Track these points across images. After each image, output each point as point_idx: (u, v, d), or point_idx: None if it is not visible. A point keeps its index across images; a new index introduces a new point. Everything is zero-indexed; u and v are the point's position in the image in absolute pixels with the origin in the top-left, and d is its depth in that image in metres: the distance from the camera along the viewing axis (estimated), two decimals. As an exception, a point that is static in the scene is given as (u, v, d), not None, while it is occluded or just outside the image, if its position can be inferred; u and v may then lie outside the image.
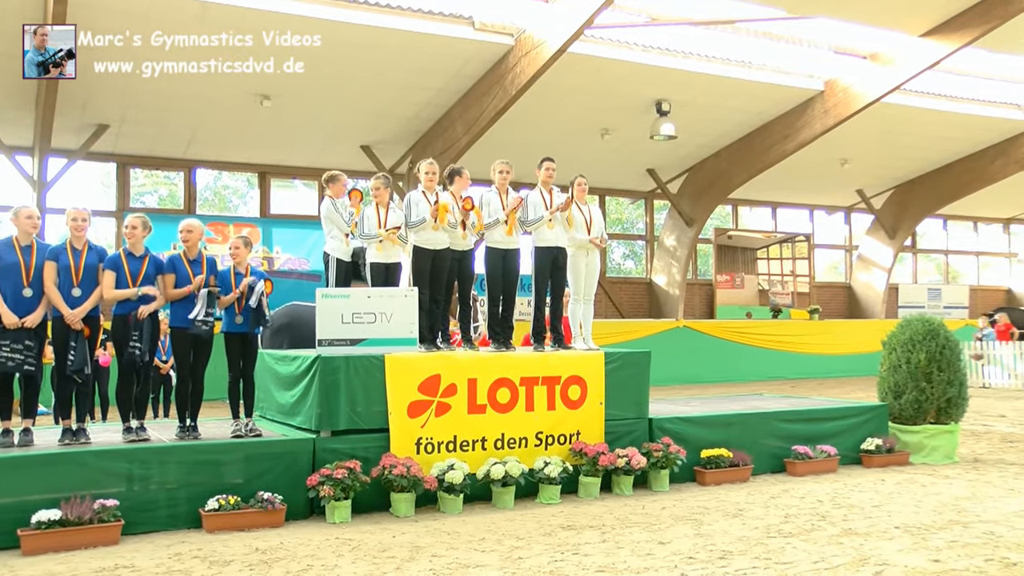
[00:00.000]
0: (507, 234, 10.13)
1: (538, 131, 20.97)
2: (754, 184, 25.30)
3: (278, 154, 21.65)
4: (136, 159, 21.04)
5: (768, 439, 10.74)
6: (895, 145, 25.64)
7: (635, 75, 19.76)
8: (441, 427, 8.97)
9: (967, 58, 21.96)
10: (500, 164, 10.35)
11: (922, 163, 27.80)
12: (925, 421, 11.30)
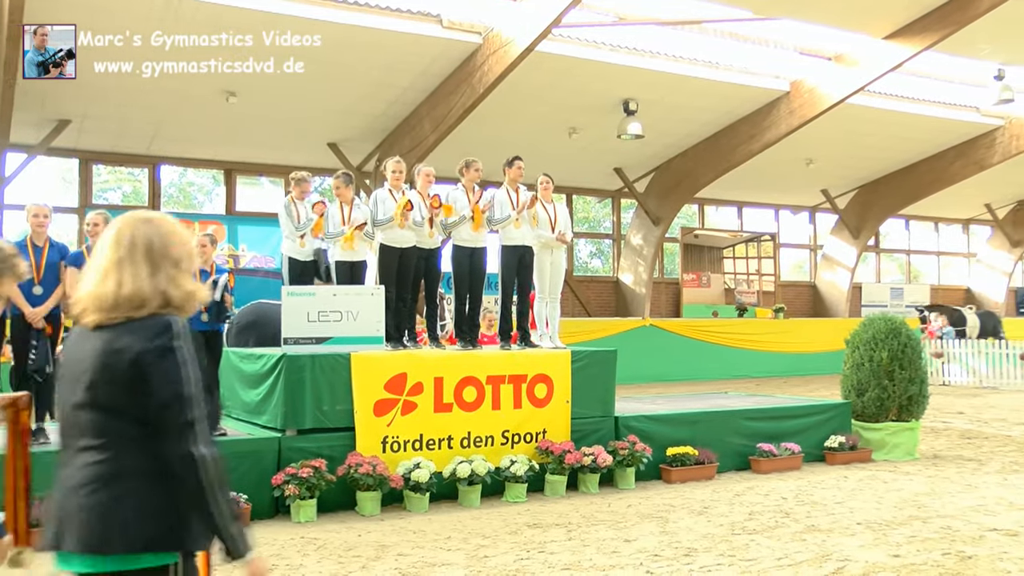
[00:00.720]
0: (473, 229, 10.14)
1: (506, 130, 20.97)
2: (720, 184, 25.42)
3: (244, 151, 21.51)
4: (99, 155, 20.82)
5: (733, 437, 10.82)
6: (859, 146, 25.86)
7: (603, 74, 19.80)
8: (407, 426, 8.96)
9: (928, 61, 22.20)
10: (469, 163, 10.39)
11: (885, 163, 28.07)
12: (887, 419, 11.43)
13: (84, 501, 2.56)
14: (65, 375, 2.72)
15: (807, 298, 31.04)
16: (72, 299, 2.72)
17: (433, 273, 10.40)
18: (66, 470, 2.65)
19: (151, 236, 2.73)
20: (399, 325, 9.88)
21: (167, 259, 2.72)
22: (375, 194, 10.12)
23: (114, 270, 2.67)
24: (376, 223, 9.91)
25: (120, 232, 2.73)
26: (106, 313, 2.64)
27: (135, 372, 2.58)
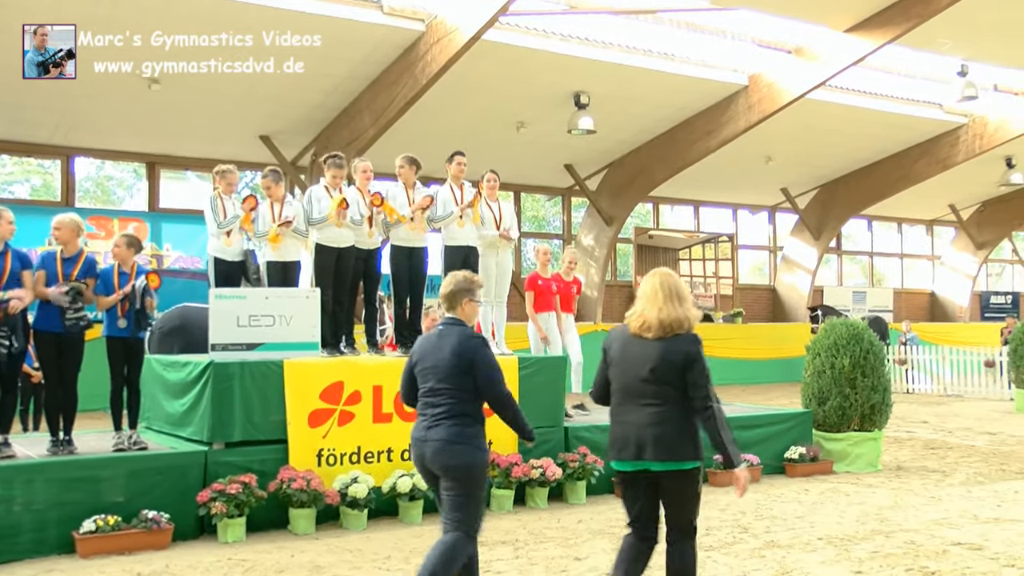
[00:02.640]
0: (410, 229, 10.11)
1: (450, 123, 20.94)
2: (676, 182, 25.60)
3: (168, 143, 21.21)
4: (2, 144, 20.36)
5: (689, 448, 10.87)
6: (820, 143, 26.18)
7: (552, 65, 19.84)
8: (344, 437, 8.89)
9: (891, 56, 22.55)
10: (401, 160, 10.39)
11: (847, 161, 28.43)
12: (849, 428, 11.55)
13: (655, 432, 5.18)
14: (628, 365, 5.34)
15: (766, 302, 31.36)
16: (635, 319, 5.41)
17: (372, 275, 10.35)
18: (636, 415, 5.25)
19: (675, 284, 5.44)
20: (336, 330, 9.81)
21: (684, 299, 5.41)
22: (310, 191, 10.06)
23: (665, 306, 5.33)
24: (311, 221, 9.84)
25: (661, 282, 5.41)
26: (664, 331, 5.29)
27: (685, 362, 5.21)
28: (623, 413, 5.32)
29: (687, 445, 5.21)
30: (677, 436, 5.20)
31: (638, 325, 5.37)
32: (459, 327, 5.73)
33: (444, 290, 5.87)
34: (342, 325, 9.94)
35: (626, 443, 5.26)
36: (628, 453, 5.25)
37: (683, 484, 5.27)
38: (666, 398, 5.22)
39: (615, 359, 5.41)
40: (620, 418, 5.34)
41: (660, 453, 5.18)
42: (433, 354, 5.66)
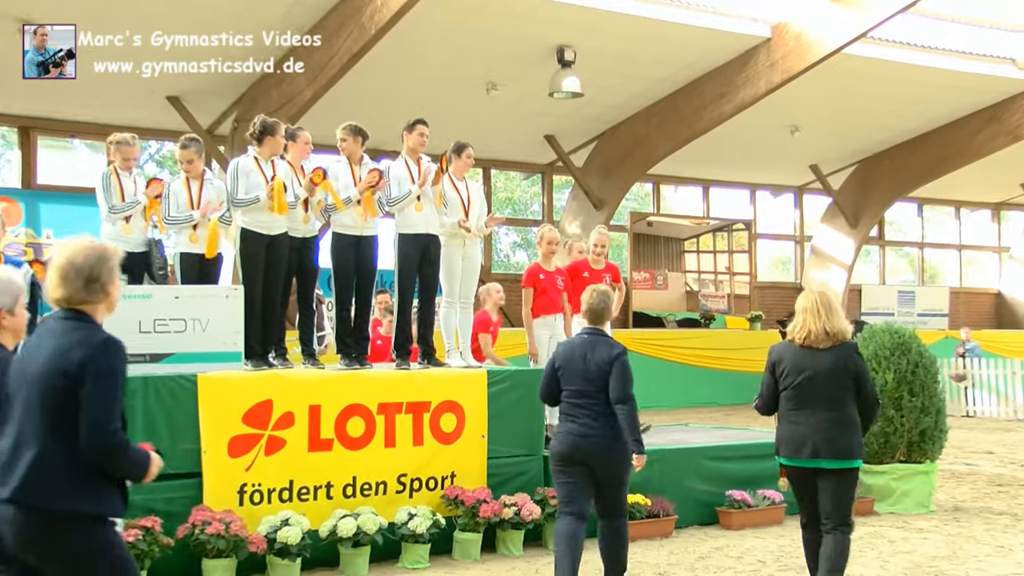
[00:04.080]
0: (359, 216, 10.10)
1: (405, 84, 20.92)
2: (681, 157, 25.65)
3: (49, 103, 20.92)
4: None
5: (696, 482, 10.93)
6: (859, 110, 26.23)
7: (530, 13, 19.85)
8: (273, 469, 8.88)
9: None
10: (344, 131, 10.36)
11: (892, 133, 28.53)
12: (894, 459, 11.61)
13: (829, 434, 7.23)
14: (801, 374, 7.39)
15: (791, 304, 31.36)
16: (800, 332, 7.50)
17: (308, 269, 10.32)
18: (811, 419, 7.30)
19: (831, 299, 7.58)
20: (264, 337, 9.78)
21: (839, 311, 7.53)
22: (235, 165, 9.99)
23: (829, 318, 7.37)
24: (235, 203, 9.79)
25: (821, 298, 7.53)
26: (831, 340, 7.38)
27: (855, 368, 7.35)
28: (798, 417, 7.42)
29: (856, 445, 7.36)
30: (850, 437, 7.33)
31: (804, 336, 7.46)
32: (604, 338, 7.92)
33: (594, 305, 8.00)
34: (272, 331, 9.92)
35: (803, 443, 7.33)
36: (804, 452, 7.32)
37: (851, 480, 7.41)
38: (838, 402, 7.36)
39: (788, 370, 7.47)
40: (794, 421, 7.43)
41: (834, 453, 7.27)
42: (580, 361, 7.79)
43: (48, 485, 4.45)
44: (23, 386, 4.63)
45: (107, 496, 4.56)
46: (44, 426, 4.51)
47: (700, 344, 27.49)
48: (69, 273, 4.70)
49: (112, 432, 4.49)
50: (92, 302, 4.78)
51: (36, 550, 4.47)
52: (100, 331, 4.75)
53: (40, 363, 4.60)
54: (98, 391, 4.49)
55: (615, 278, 11.69)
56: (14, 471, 4.46)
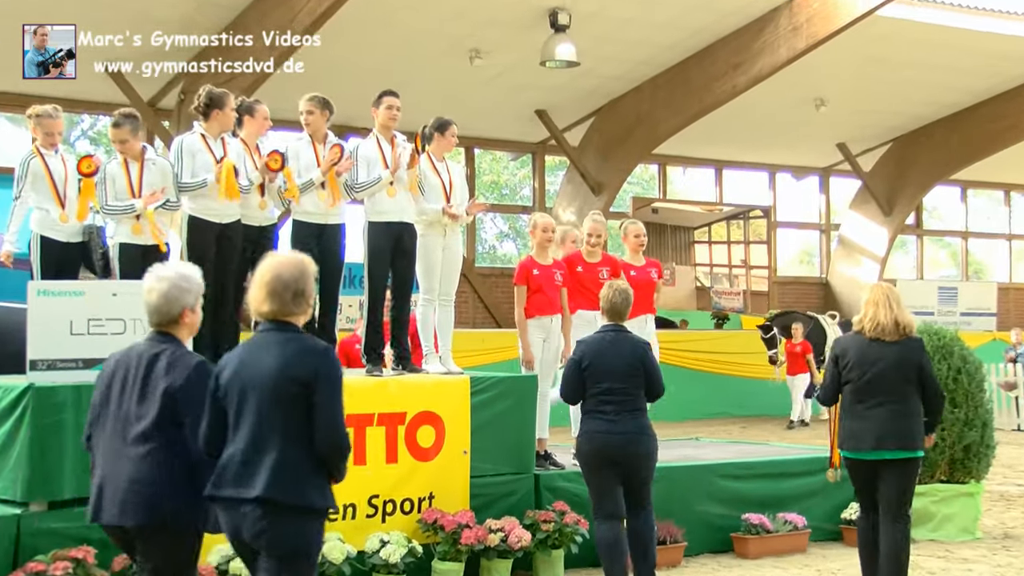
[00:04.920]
0: (323, 201, 10.08)
1: (375, 51, 20.89)
2: (691, 135, 25.67)
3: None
4: None
5: (708, 504, 10.93)
6: (893, 80, 26.23)
7: (519, -31, 19.85)
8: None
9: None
10: (308, 103, 10.33)
11: (932, 106, 28.54)
12: (934, 479, 11.62)
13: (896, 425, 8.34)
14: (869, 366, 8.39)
15: (816, 301, 31.49)
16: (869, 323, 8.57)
17: (266, 261, 10.32)
18: (877, 411, 8.34)
19: (896, 292, 8.65)
20: (215, 340, 9.74)
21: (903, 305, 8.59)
22: (180, 143, 9.94)
23: (898, 310, 8.44)
24: (182, 187, 9.75)
25: (889, 291, 8.62)
26: (899, 333, 8.42)
27: (921, 360, 8.50)
28: (864, 410, 8.39)
29: (920, 436, 8.40)
30: (915, 428, 8.37)
31: (873, 328, 8.44)
32: (627, 334, 8.94)
33: (616, 302, 8.88)
34: (223, 333, 9.87)
35: (869, 436, 8.32)
36: (870, 445, 8.31)
37: (915, 471, 8.47)
38: (903, 394, 8.37)
39: (853, 363, 8.46)
40: (860, 414, 8.40)
41: (899, 444, 8.28)
42: (610, 358, 8.70)
43: (289, 483, 5.51)
44: (249, 394, 5.59)
45: (330, 493, 5.68)
46: (281, 430, 5.53)
47: (712, 347, 27.46)
48: (278, 287, 5.67)
49: (345, 435, 5.64)
50: (297, 314, 5.76)
51: (268, 541, 5.51)
52: (317, 340, 5.85)
53: (268, 372, 5.58)
54: (331, 396, 5.57)
55: (614, 272, 11.52)
56: (258, 472, 5.50)
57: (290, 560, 5.56)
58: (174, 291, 5.94)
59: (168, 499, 5.71)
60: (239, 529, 5.60)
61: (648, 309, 11.71)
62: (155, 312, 5.96)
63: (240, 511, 5.55)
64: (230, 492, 5.57)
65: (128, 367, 5.94)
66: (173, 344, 5.96)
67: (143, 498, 5.72)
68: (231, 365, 5.76)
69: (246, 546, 5.66)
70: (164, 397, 5.76)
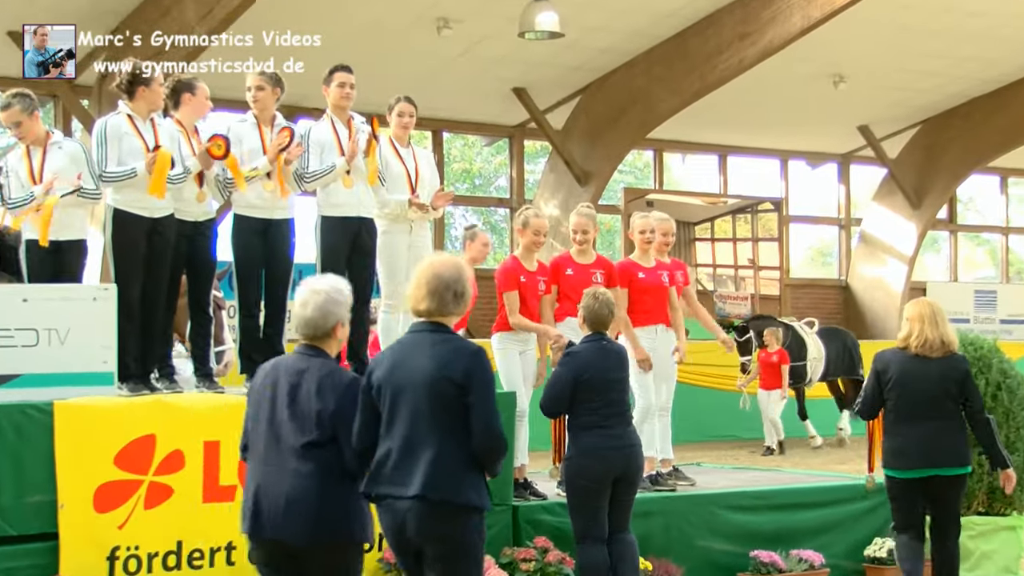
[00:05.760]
0: (270, 192, 10.07)
1: (328, 19, 20.88)
2: (691, 117, 25.70)
3: None
4: None
5: (712, 539, 10.95)
6: (923, 53, 26.26)
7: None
8: (156, 527, 8.86)
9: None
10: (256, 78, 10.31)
11: (967, 83, 28.58)
12: (971, 510, 11.63)
13: (944, 442, 9.51)
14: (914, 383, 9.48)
15: (835, 306, 31.57)
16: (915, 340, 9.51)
17: (203, 262, 10.28)
18: (922, 429, 9.42)
19: (940, 307, 9.75)
20: (144, 352, 9.74)
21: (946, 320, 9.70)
22: (103, 125, 9.92)
23: (944, 327, 9.56)
24: (105, 177, 9.72)
25: (934, 307, 9.69)
26: (944, 350, 9.50)
27: (966, 378, 9.65)
28: (908, 427, 9.40)
29: (967, 452, 9.54)
30: (962, 444, 9.47)
31: (920, 344, 9.40)
32: (614, 344, 9.73)
33: (597, 311, 9.29)
34: (155, 344, 9.88)
35: (916, 454, 9.35)
36: (918, 463, 9.35)
37: (962, 486, 9.68)
38: (947, 410, 9.41)
39: (895, 380, 9.45)
40: (905, 432, 9.42)
41: (949, 460, 9.36)
42: (608, 369, 9.22)
43: (447, 481, 6.33)
44: (403, 393, 6.42)
45: (486, 491, 6.52)
46: (437, 429, 6.34)
47: (715, 360, 27.39)
48: (439, 287, 6.50)
49: (501, 434, 6.48)
50: (454, 314, 6.64)
51: (431, 539, 6.36)
52: (469, 341, 6.77)
53: (422, 372, 6.43)
54: (485, 397, 6.42)
55: (609, 276, 11.46)
56: (415, 470, 6.33)
57: (452, 558, 6.40)
58: (329, 304, 6.60)
59: (330, 514, 6.39)
60: (400, 527, 6.42)
61: (659, 319, 11.68)
62: (308, 325, 6.61)
63: (399, 509, 6.37)
64: (388, 490, 6.41)
65: (277, 381, 6.63)
66: (321, 358, 6.62)
67: (306, 515, 6.36)
68: (384, 364, 6.61)
69: (406, 545, 6.50)
70: (319, 418, 6.43)
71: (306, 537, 6.38)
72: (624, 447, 9.15)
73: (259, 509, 6.49)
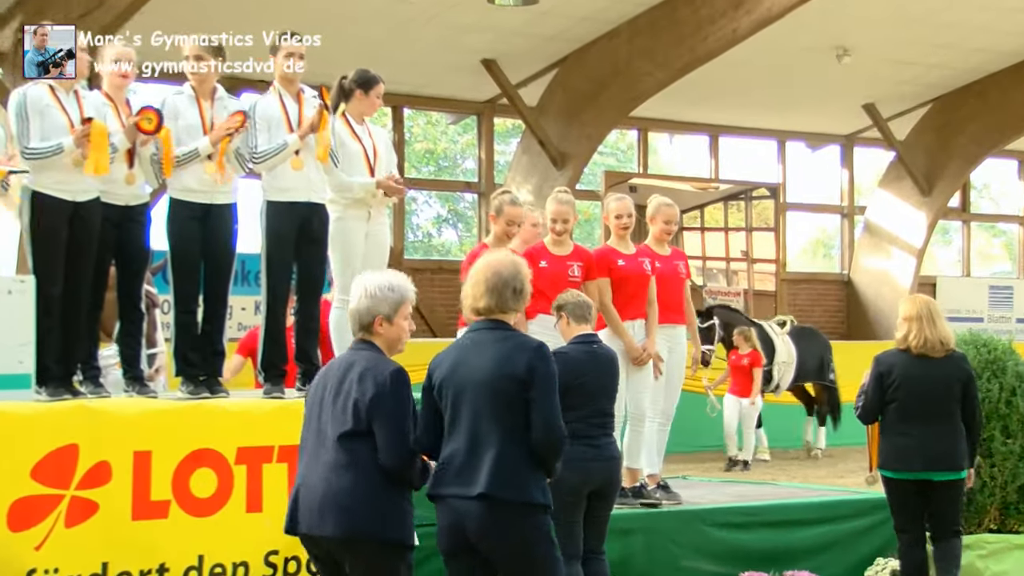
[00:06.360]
0: (210, 174, 10.03)
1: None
2: (679, 93, 25.75)
3: None
4: None
5: (698, 559, 10.97)
6: (935, 24, 26.34)
7: None
8: (79, 547, 8.82)
9: None
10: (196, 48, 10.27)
11: (982, 57, 28.67)
12: (981, 527, 11.67)
13: (945, 445, 10.22)
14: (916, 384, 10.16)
15: (836, 302, 31.67)
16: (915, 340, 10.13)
17: (135, 252, 10.23)
18: (923, 430, 10.13)
19: (936, 304, 10.49)
20: (66, 352, 9.69)
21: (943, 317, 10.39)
22: (21, 97, 9.89)
23: (942, 325, 10.20)
24: (25, 153, 9.67)
25: (931, 304, 10.33)
26: (945, 349, 10.21)
27: (967, 379, 10.38)
28: (909, 428, 10.05)
29: (963, 457, 10.08)
30: (961, 448, 10.07)
31: (920, 345, 9.98)
32: (600, 345, 9.67)
33: (573, 305, 9.44)
34: (78, 343, 9.83)
35: (916, 456, 9.99)
36: (918, 466, 10.00)
37: (957, 492, 10.17)
38: (949, 413, 10.06)
39: (899, 382, 10.04)
40: (905, 432, 10.08)
41: (943, 465, 9.97)
42: (602, 375, 9.30)
43: (511, 480, 6.92)
44: (466, 392, 7.05)
45: (547, 488, 7.11)
46: (500, 427, 6.94)
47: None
48: (498, 284, 7.16)
49: (563, 430, 7.08)
50: (514, 311, 7.33)
51: (495, 538, 6.97)
52: (530, 337, 7.57)
53: (484, 371, 7.05)
54: (547, 393, 7.02)
55: (588, 268, 11.39)
56: (479, 470, 6.92)
57: (518, 557, 7.04)
58: (366, 299, 7.18)
59: (366, 509, 6.88)
60: (460, 526, 7.02)
61: (640, 312, 11.58)
62: (353, 319, 7.28)
63: (460, 508, 6.96)
64: (452, 490, 6.99)
65: (328, 377, 7.25)
66: (369, 352, 7.19)
67: (341, 508, 6.88)
68: (445, 363, 7.24)
69: (463, 545, 7.07)
70: (355, 408, 6.96)
71: (333, 531, 6.90)
72: (604, 459, 9.18)
73: (297, 503, 7.10)
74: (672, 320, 11.66)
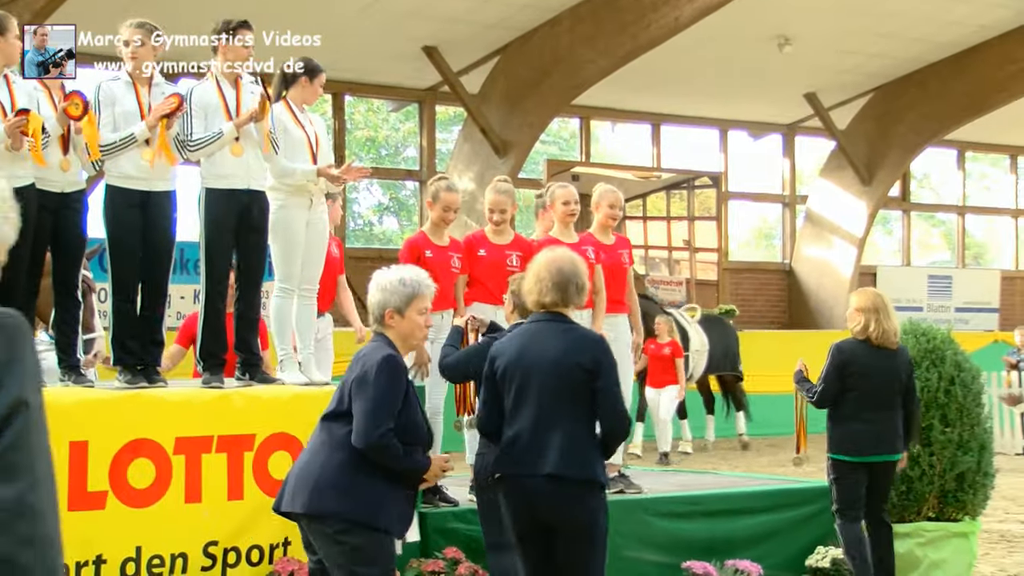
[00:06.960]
0: (147, 160, 9.96)
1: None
2: (621, 81, 25.75)
3: None
4: None
5: (640, 549, 10.94)
6: (876, 14, 26.42)
7: None
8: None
9: None
10: (133, 30, 10.19)
11: (923, 47, 28.77)
12: (920, 515, 11.71)
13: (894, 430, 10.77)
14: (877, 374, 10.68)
15: (777, 292, 31.72)
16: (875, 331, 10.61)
17: (71, 239, 10.15)
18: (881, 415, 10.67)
19: (886, 299, 10.87)
20: None
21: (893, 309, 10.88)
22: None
23: (894, 317, 10.68)
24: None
25: (883, 297, 10.84)
26: (896, 341, 10.73)
27: (912, 370, 11.03)
28: (867, 414, 10.51)
29: (903, 440, 10.71)
30: (901, 432, 10.64)
31: (879, 335, 10.42)
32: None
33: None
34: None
35: (868, 440, 10.52)
36: (867, 448, 10.53)
37: (894, 470, 10.81)
38: (898, 402, 10.60)
39: (860, 371, 10.50)
40: (863, 418, 10.52)
41: (891, 448, 10.59)
42: None
43: (577, 459, 7.57)
44: (531, 379, 7.61)
45: (604, 466, 7.89)
46: (567, 411, 7.58)
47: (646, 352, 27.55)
48: (562, 281, 7.68)
49: (627, 416, 8.02)
50: (576, 305, 7.96)
51: (564, 514, 7.59)
52: (591, 331, 8.47)
53: (551, 358, 7.63)
54: (612, 382, 7.69)
55: (527, 258, 11.26)
56: (547, 450, 7.51)
57: (583, 530, 7.63)
58: (379, 293, 7.56)
59: (330, 487, 7.17)
60: (531, 505, 7.62)
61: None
62: (369, 312, 7.71)
63: (530, 489, 7.56)
64: (517, 470, 7.64)
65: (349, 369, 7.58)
66: (378, 343, 7.53)
67: (308, 486, 7.22)
68: (509, 352, 7.80)
69: (534, 524, 7.68)
70: (340, 389, 7.46)
71: (301, 507, 7.23)
72: None
73: (284, 485, 7.49)
74: (614, 310, 11.62)
